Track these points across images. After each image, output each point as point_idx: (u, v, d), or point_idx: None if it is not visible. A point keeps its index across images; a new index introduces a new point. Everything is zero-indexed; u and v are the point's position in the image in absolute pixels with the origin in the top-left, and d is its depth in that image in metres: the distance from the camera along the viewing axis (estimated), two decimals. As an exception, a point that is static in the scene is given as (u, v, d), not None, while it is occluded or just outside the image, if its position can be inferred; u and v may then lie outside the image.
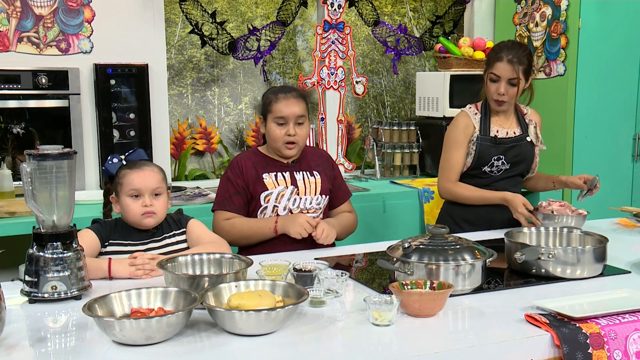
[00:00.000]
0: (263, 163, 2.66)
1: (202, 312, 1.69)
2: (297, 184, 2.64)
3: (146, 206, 2.21)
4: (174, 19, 6.25)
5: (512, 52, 2.77)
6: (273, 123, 2.62)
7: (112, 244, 2.22)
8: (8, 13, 3.42)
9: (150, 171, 2.26)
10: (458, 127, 2.88)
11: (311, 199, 2.65)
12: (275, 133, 2.61)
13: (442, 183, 2.92)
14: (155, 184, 2.24)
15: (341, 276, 1.92)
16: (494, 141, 2.83)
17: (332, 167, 2.79)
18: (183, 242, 2.31)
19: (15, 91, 3.40)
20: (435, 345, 1.57)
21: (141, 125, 3.66)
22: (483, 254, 2.00)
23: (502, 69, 2.78)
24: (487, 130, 2.85)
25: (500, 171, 2.85)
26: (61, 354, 1.54)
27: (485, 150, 2.83)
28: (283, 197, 2.60)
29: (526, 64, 2.79)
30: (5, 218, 2.96)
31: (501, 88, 2.79)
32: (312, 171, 2.69)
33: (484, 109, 2.89)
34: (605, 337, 1.65)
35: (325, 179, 2.70)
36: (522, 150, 2.87)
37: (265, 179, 2.61)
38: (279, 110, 2.60)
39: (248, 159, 2.67)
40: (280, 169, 2.65)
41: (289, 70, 6.95)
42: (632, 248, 2.53)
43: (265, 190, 2.60)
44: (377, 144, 4.31)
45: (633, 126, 4.18)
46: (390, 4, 6.69)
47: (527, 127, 2.91)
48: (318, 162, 2.74)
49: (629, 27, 4.06)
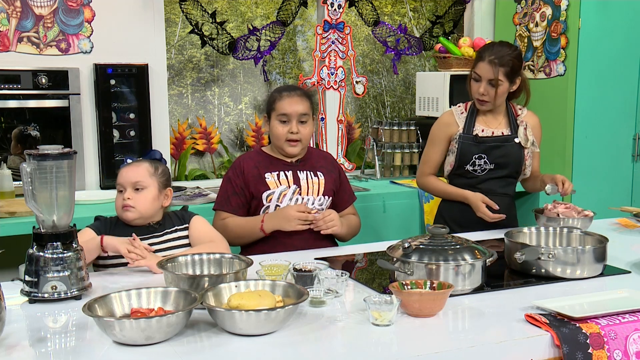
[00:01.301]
0: (266, 162, 2.66)
1: (202, 312, 1.69)
2: (300, 183, 2.64)
3: (124, 199, 2.23)
4: (174, 19, 6.25)
5: (495, 53, 2.75)
6: (276, 121, 2.62)
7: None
8: (8, 13, 3.42)
9: (135, 166, 2.28)
10: (439, 124, 2.94)
11: (314, 200, 2.64)
12: (278, 130, 2.62)
13: (417, 176, 3.05)
14: (136, 177, 2.25)
15: (341, 276, 1.93)
16: (475, 139, 2.82)
17: (337, 170, 2.78)
18: (184, 237, 2.31)
19: (15, 91, 3.40)
20: (435, 345, 1.57)
21: (141, 125, 3.66)
22: (483, 254, 2.00)
23: (482, 69, 2.77)
24: (470, 129, 2.84)
25: (484, 171, 2.83)
26: (61, 354, 1.54)
27: (466, 148, 2.82)
28: (285, 197, 2.60)
29: (510, 66, 2.74)
30: (5, 218, 2.96)
31: (481, 88, 2.78)
32: (316, 171, 2.69)
33: (472, 108, 2.89)
34: (605, 337, 1.65)
35: (330, 180, 2.70)
36: (508, 151, 2.83)
37: (267, 179, 2.61)
38: (282, 107, 2.61)
39: (250, 159, 2.67)
40: (284, 167, 2.65)
41: (289, 70, 6.95)
42: (632, 248, 2.53)
43: (267, 189, 2.60)
44: (377, 144, 4.31)
45: (633, 126, 4.18)
46: (390, 4, 6.69)
47: (517, 129, 2.88)
48: (322, 163, 2.74)
49: (629, 27, 4.06)
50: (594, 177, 4.10)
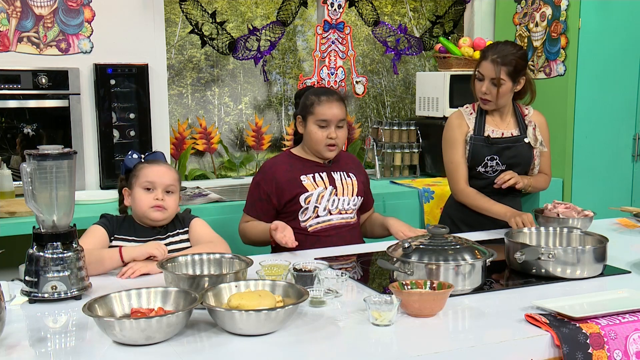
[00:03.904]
0: (299, 165, 2.69)
1: (202, 312, 1.70)
2: (335, 184, 2.68)
3: (157, 199, 2.24)
4: (174, 19, 6.25)
5: (499, 52, 2.74)
6: (315, 125, 2.65)
7: (117, 239, 2.24)
8: (8, 13, 3.42)
9: (166, 168, 2.32)
10: (453, 126, 2.88)
11: (349, 200, 2.69)
12: (317, 135, 2.65)
13: (453, 186, 2.88)
14: (170, 181, 2.29)
15: (341, 276, 1.93)
16: (487, 141, 2.81)
17: (363, 172, 2.86)
18: (185, 241, 2.32)
19: (15, 91, 3.39)
20: (435, 345, 1.57)
21: (141, 125, 3.66)
22: (483, 254, 2.00)
23: (485, 68, 2.77)
24: (481, 130, 2.83)
25: (495, 172, 2.82)
26: (61, 354, 1.54)
27: (478, 150, 2.81)
28: (323, 198, 2.64)
29: (512, 65, 2.73)
30: (5, 218, 2.96)
31: (483, 87, 2.78)
32: (348, 172, 2.75)
33: (480, 109, 2.88)
34: (605, 337, 1.65)
35: (360, 180, 2.77)
36: (518, 152, 2.84)
37: (303, 181, 2.64)
38: (322, 113, 2.64)
39: (282, 163, 2.70)
40: (318, 169, 2.70)
41: (289, 70, 6.95)
42: (632, 248, 2.53)
43: (304, 192, 2.63)
44: (377, 144, 4.31)
45: (633, 126, 4.18)
46: (390, 4, 6.70)
47: (526, 129, 2.88)
48: (351, 165, 2.81)
49: (629, 27, 4.06)
50: (594, 177, 4.10)
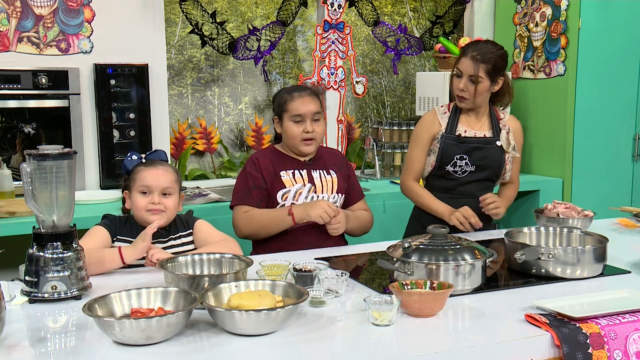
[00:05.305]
0: (280, 161, 2.69)
1: (202, 312, 1.69)
2: (314, 182, 2.67)
3: (153, 203, 2.23)
4: (174, 19, 6.26)
5: (479, 50, 2.73)
6: (290, 121, 2.65)
7: (119, 240, 2.24)
8: (8, 13, 3.42)
9: (163, 170, 2.29)
10: (422, 124, 2.90)
11: (328, 197, 2.68)
12: (292, 131, 2.64)
13: (402, 180, 2.96)
14: (166, 183, 2.26)
15: (341, 276, 1.93)
16: (458, 140, 2.79)
17: (347, 166, 2.83)
18: (189, 243, 2.31)
19: (15, 91, 3.39)
20: (435, 345, 1.57)
21: (141, 125, 3.66)
22: (483, 254, 2.00)
23: (464, 65, 2.76)
24: (453, 128, 2.82)
25: (464, 173, 2.80)
26: (61, 354, 1.54)
27: (448, 148, 2.79)
28: (301, 195, 2.63)
29: (492, 63, 2.72)
30: (5, 218, 2.96)
31: (461, 84, 2.76)
32: (328, 170, 2.73)
33: (455, 108, 2.86)
34: (605, 337, 1.65)
35: (341, 177, 2.74)
36: (489, 153, 2.81)
37: (282, 177, 2.64)
38: (295, 108, 2.64)
39: (266, 156, 2.70)
40: (298, 166, 2.69)
41: (289, 70, 6.95)
42: (632, 248, 2.53)
43: (282, 188, 2.63)
44: (377, 144, 4.31)
45: (633, 126, 4.18)
46: (390, 4, 6.70)
47: (500, 132, 2.85)
48: (333, 161, 2.79)
49: (629, 27, 4.06)
50: (594, 177, 4.10)
